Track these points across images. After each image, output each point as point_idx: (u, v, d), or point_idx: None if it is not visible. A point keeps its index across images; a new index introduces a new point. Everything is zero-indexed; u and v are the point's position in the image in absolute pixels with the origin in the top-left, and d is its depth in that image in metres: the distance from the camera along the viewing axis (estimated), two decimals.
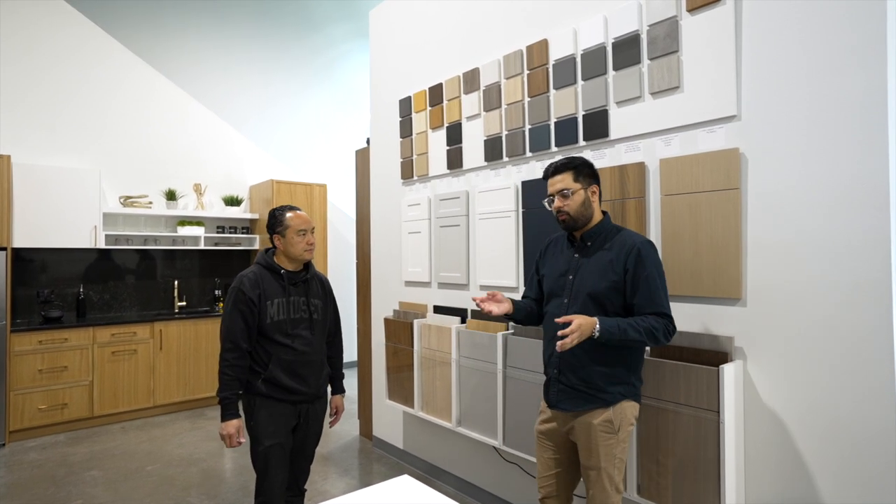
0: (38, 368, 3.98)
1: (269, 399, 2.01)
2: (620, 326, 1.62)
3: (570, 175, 1.77)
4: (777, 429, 1.79)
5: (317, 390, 2.12)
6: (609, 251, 1.74)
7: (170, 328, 4.56)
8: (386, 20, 3.70)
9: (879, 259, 1.57)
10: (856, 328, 1.62)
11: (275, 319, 2.02)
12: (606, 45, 2.26)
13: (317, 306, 2.14)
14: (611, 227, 1.81)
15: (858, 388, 1.62)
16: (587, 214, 1.78)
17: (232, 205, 5.36)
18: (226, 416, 1.98)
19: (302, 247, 2.06)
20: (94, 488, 3.10)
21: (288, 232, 2.05)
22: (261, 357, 2.02)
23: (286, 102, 5.83)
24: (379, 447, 3.72)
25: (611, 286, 1.71)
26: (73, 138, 4.65)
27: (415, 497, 1.30)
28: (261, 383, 2.00)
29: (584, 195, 1.77)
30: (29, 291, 4.38)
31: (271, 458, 2.00)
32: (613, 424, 1.71)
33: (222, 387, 1.96)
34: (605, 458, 1.71)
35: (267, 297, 2.02)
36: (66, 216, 4.30)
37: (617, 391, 1.72)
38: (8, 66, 4.36)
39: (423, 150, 3.28)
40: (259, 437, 2.00)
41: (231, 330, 1.98)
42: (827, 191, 1.68)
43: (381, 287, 3.72)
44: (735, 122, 1.88)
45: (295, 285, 2.10)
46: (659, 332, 1.64)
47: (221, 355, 1.98)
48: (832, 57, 1.67)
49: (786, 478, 1.77)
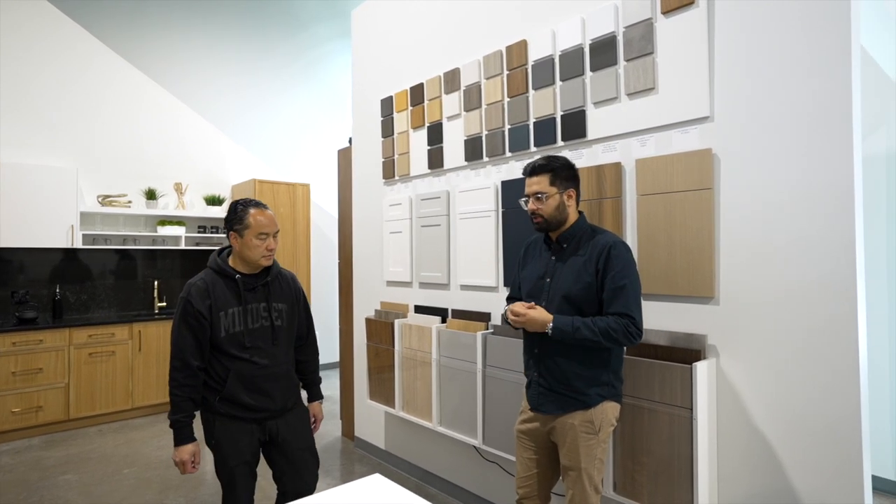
0: (12, 371, 3.90)
1: (228, 418, 1.83)
2: (574, 325, 1.64)
3: (547, 178, 1.77)
4: (749, 424, 1.82)
5: (284, 404, 1.92)
6: (584, 252, 1.76)
7: (149, 329, 4.50)
8: (368, 20, 3.69)
9: (844, 258, 1.61)
10: (822, 325, 1.66)
11: (230, 332, 1.81)
12: (584, 46, 2.28)
13: (281, 311, 1.93)
14: (586, 227, 1.82)
15: (825, 383, 1.65)
16: (561, 218, 1.79)
17: (213, 204, 5.30)
18: (178, 440, 1.79)
19: (260, 252, 1.83)
20: (69, 492, 3.04)
21: (247, 233, 1.81)
22: (217, 373, 1.82)
23: (270, 101, 5.79)
24: (361, 448, 3.71)
25: (585, 288, 1.72)
26: (51, 137, 4.57)
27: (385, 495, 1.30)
28: (219, 402, 1.81)
29: (560, 199, 1.77)
30: (3, 292, 4.29)
31: (237, 476, 1.85)
32: (594, 425, 1.72)
33: (173, 409, 1.78)
34: (586, 458, 1.72)
35: (219, 308, 1.80)
36: (42, 215, 4.22)
37: (596, 392, 1.74)
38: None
39: (405, 150, 3.27)
40: (223, 458, 1.84)
41: (179, 347, 1.77)
42: (794, 191, 1.71)
43: (362, 287, 3.71)
44: (708, 123, 1.91)
45: (253, 290, 1.87)
46: (618, 333, 1.62)
47: (170, 374, 1.78)
48: (800, 60, 1.70)
49: (758, 472, 1.80)
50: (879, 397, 2.88)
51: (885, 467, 2.87)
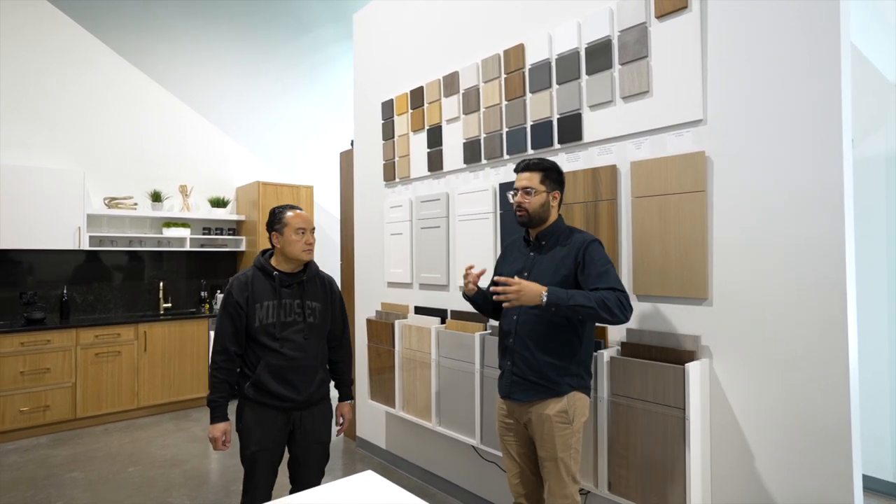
0: (20, 370, 3.96)
1: (257, 404, 1.98)
2: (568, 293, 1.67)
3: (539, 176, 1.86)
4: (742, 424, 1.83)
5: (309, 397, 2.04)
6: (562, 249, 1.85)
7: (154, 329, 4.56)
8: (369, 23, 3.73)
9: (835, 259, 1.62)
10: (813, 326, 1.67)
11: (263, 323, 1.98)
12: (580, 49, 2.31)
13: (314, 309, 2.07)
14: (564, 228, 1.92)
15: (816, 384, 1.67)
16: (543, 216, 1.88)
17: (218, 206, 5.36)
18: (213, 419, 1.96)
19: (300, 246, 2.00)
20: (75, 490, 3.10)
21: (286, 230, 1.99)
22: (250, 361, 2.00)
23: (273, 104, 5.84)
24: (363, 448, 3.74)
25: (563, 281, 1.80)
26: (57, 139, 4.64)
27: (376, 491, 1.32)
28: (249, 387, 1.98)
29: (546, 198, 1.86)
30: (12, 293, 4.36)
31: (257, 462, 1.99)
32: (568, 415, 1.80)
33: (211, 389, 1.97)
34: (562, 448, 1.78)
35: (256, 300, 1.98)
36: (50, 217, 4.29)
37: (567, 382, 1.81)
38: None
39: (405, 153, 3.31)
40: (246, 441, 1.99)
41: (219, 333, 1.98)
42: (786, 193, 1.73)
43: (364, 288, 3.75)
44: (701, 126, 1.93)
45: (289, 287, 2.04)
46: (611, 302, 1.64)
47: (212, 357, 1.99)
48: (792, 64, 1.72)
49: (750, 472, 1.81)
50: (878, 399, 2.88)
51: (884, 469, 2.86)
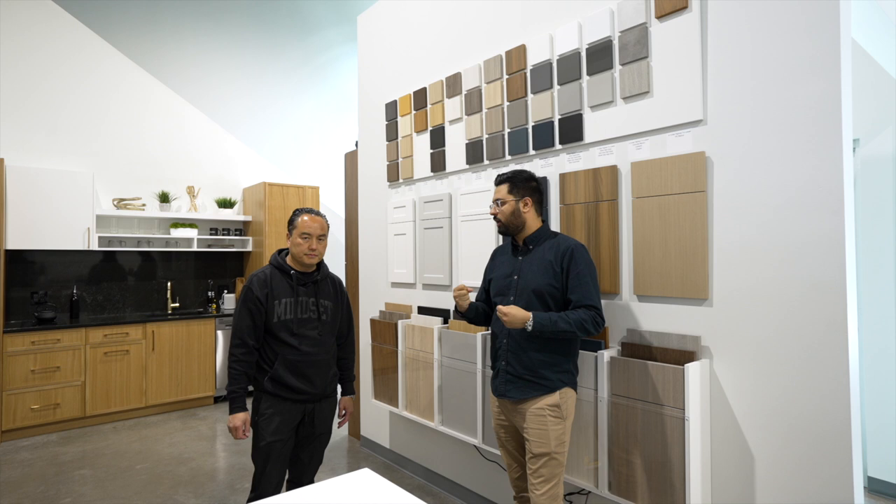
0: (31, 369, 4.03)
1: (274, 397, 2.07)
2: (552, 319, 1.82)
3: (506, 187, 2.02)
4: (742, 424, 1.83)
5: (322, 390, 2.15)
6: (548, 252, 1.95)
7: (162, 329, 4.61)
8: (373, 25, 3.75)
9: (835, 260, 1.62)
10: (813, 326, 1.67)
11: (282, 318, 2.07)
12: (581, 50, 2.31)
13: (326, 307, 2.18)
14: (549, 233, 2.04)
15: (815, 385, 1.66)
16: (517, 223, 2.00)
17: (225, 207, 5.41)
18: (233, 409, 2.04)
19: (302, 250, 2.09)
20: (83, 486, 3.14)
21: (294, 232, 2.11)
22: (268, 355, 2.09)
23: (279, 105, 5.88)
24: (367, 447, 3.76)
25: (550, 283, 1.91)
26: (66, 141, 4.71)
27: (373, 489, 1.34)
28: (267, 381, 2.06)
29: (515, 206, 1.99)
30: (23, 293, 4.43)
31: (271, 453, 2.05)
32: (561, 410, 1.87)
33: (230, 381, 2.04)
34: (556, 443, 1.85)
35: (275, 297, 2.07)
36: (60, 218, 4.36)
37: (558, 378, 1.89)
38: (1, 70, 4.41)
39: (409, 153, 3.32)
40: (261, 432, 2.06)
41: (239, 326, 2.05)
42: (786, 194, 1.72)
43: (368, 288, 3.77)
44: (701, 127, 1.93)
45: (304, 286, 2.14)
46: (588, 324, 1.82)
47: (230, 350, 2.06)
48: (792, 64, 1.71)
49: (750, 472, 1.81)
50: (885, 400, 2.85)
51: (891, 471, 2.84)
